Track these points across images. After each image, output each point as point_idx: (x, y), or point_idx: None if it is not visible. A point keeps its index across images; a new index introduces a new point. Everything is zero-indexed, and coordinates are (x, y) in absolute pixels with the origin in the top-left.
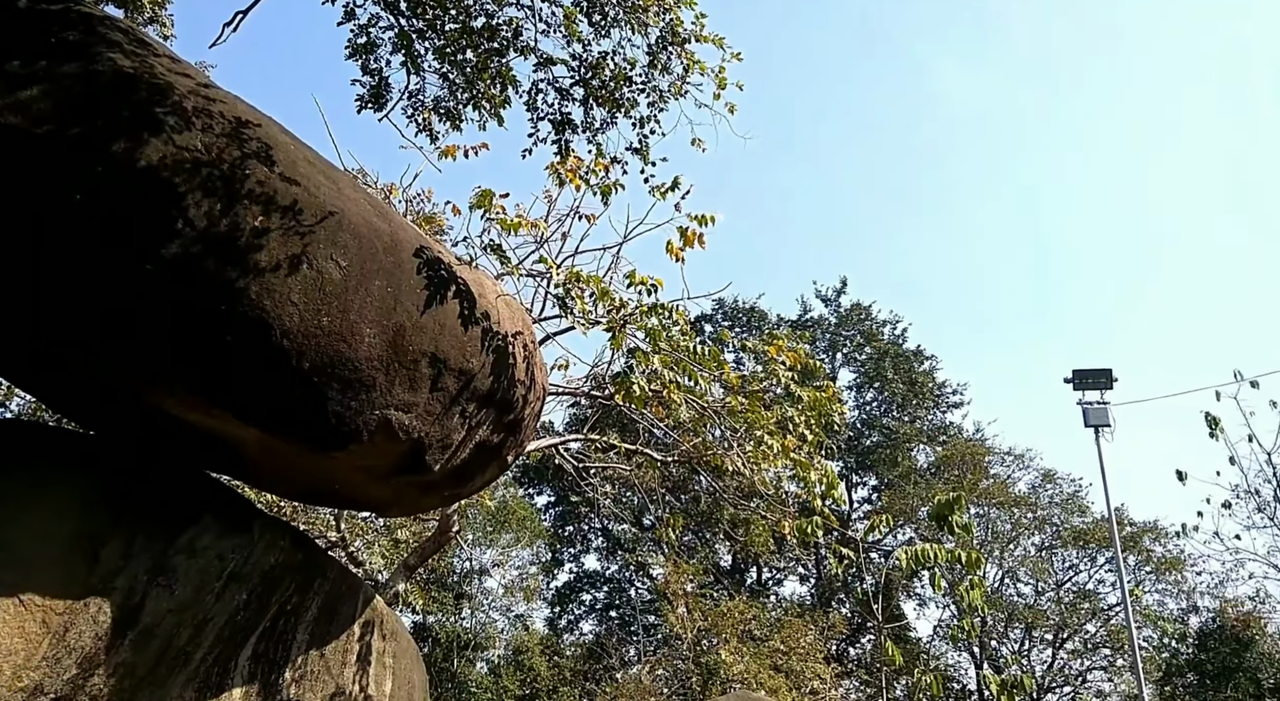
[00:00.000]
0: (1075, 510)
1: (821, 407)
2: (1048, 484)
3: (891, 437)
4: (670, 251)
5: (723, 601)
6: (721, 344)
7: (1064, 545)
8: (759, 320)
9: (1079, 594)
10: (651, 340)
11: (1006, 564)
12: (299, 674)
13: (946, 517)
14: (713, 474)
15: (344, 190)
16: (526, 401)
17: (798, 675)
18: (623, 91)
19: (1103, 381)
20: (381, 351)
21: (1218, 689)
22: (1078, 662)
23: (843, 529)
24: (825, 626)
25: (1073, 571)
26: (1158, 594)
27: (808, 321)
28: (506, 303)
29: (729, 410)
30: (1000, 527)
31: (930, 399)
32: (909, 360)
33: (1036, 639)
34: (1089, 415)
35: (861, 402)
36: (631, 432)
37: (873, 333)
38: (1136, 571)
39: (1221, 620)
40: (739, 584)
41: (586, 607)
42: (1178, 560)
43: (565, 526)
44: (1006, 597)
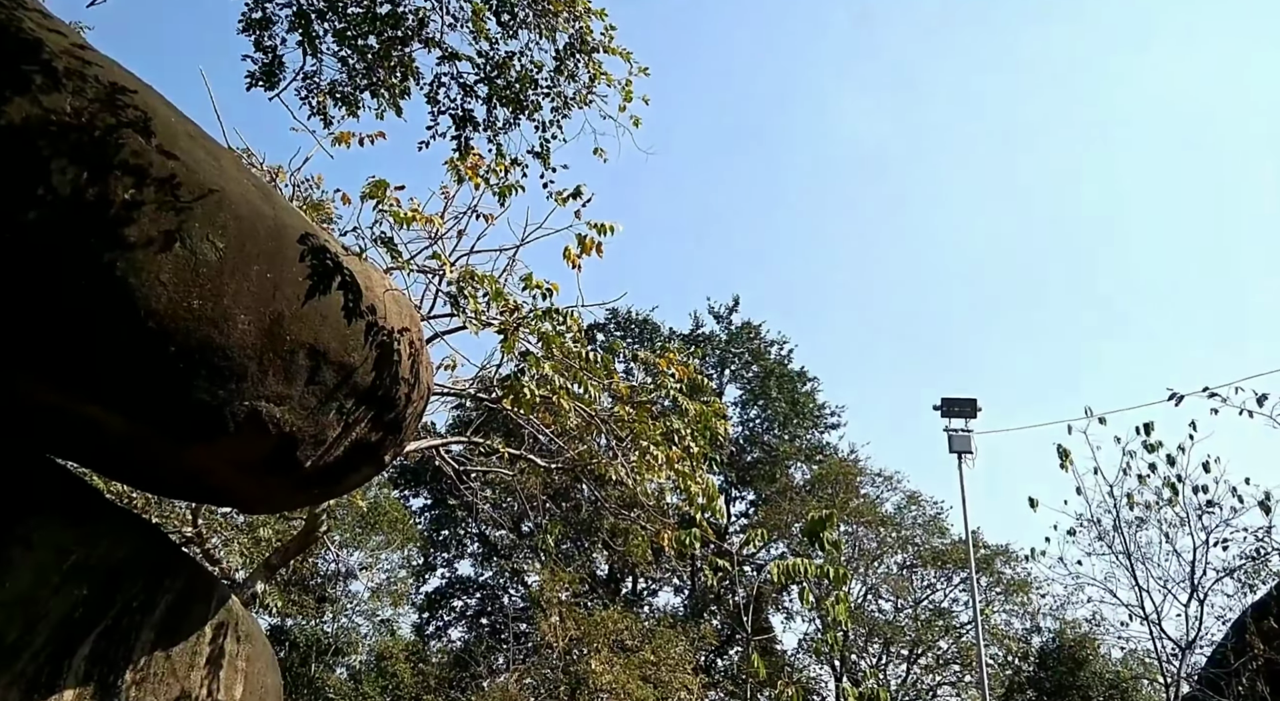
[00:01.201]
0: (936, 531)
1: (707, 422)
2: (912, 505)
3: (772, 454)
4: (568, 258)
5: (597, 611)
6: (613, 353)
7: (924, 564)
8: (651, 332)
9: (935, 611)
10: (544, 345)
11: (870, 580)
12: (141, 675)
13: (819, 534)
14: (596, 482)
15: (227, 169)
16: (409, 400)
17: (666, 685)
18: (527, 94)
19: (968, 410)
20: (256, 339)
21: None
22: (930, 677)
23: (719, 541)
24: (696, 637)
25: (930, 590)
26: (1005, 614)
27: (699, 337)
28: (395, 297)
29: (617, 419)
30: (867, 545)
31: (810, 419)
32: (793, 380)
33: (894, 653)
34: (953, 441)
35: (745, 419)
36: (516, 437)
37: (761, 352)
38: (987, 592)
39: (1060, 640)
40: (614, 593)
41: (457, 614)
42: (1025, 582)
43: (440, 530)
44: (868, 613)
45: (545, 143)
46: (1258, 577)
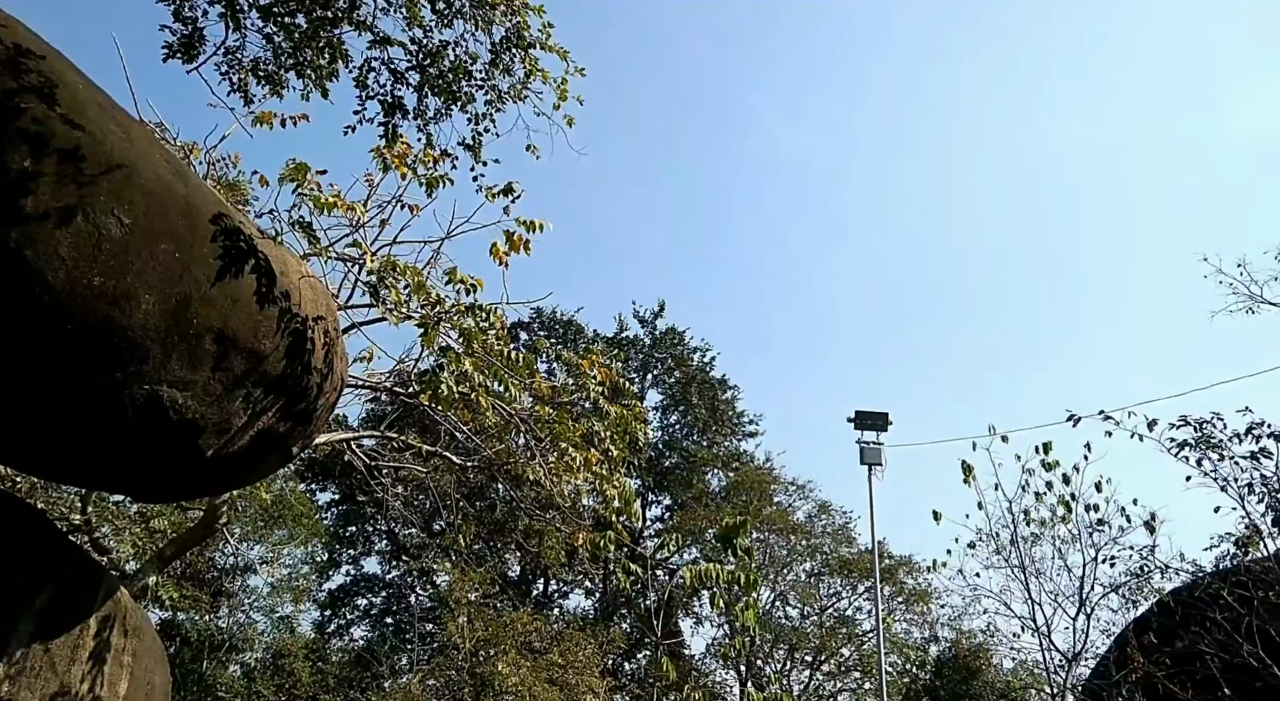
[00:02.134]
0: (844, 541)
1: (627, 425)
2: (823, 515)
3: (690, 460)
4: (495, 254)
5: (506, 612)
6: (536, 353)
7: (831, 573)
8: (575, 333)
9: (839, 619)
10: (465, 341)
11: (779, 587)
12: (16, 669)
13: (732, 540)
14: (512, 482)
15: (138, 142)
16: (321, 391)
17: (573, 688)
18: (460, 84)
19: (879, 424)
20: (160, 321)
21: None
22: (831, 683)
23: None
24: (605, 640)
25: (836, 598)
26: (906, 623)
27: (623, 340)
28: (311, 285)
29: (536, 419)
30: (778, 553)
31: (729, 426)
32: (714, 388)
33: (798, 660)
34: (864, 453)
35: (666, 424)
36: (432, 434)
37: (683, 358)
38: (890, 601)
39: (956, 650)
40: (525, 595)
41: (361, 612)
42: (926, 593)
43: (347, 526)
44: (776, 619)
45: (477, 136)
46: (1140, 594)
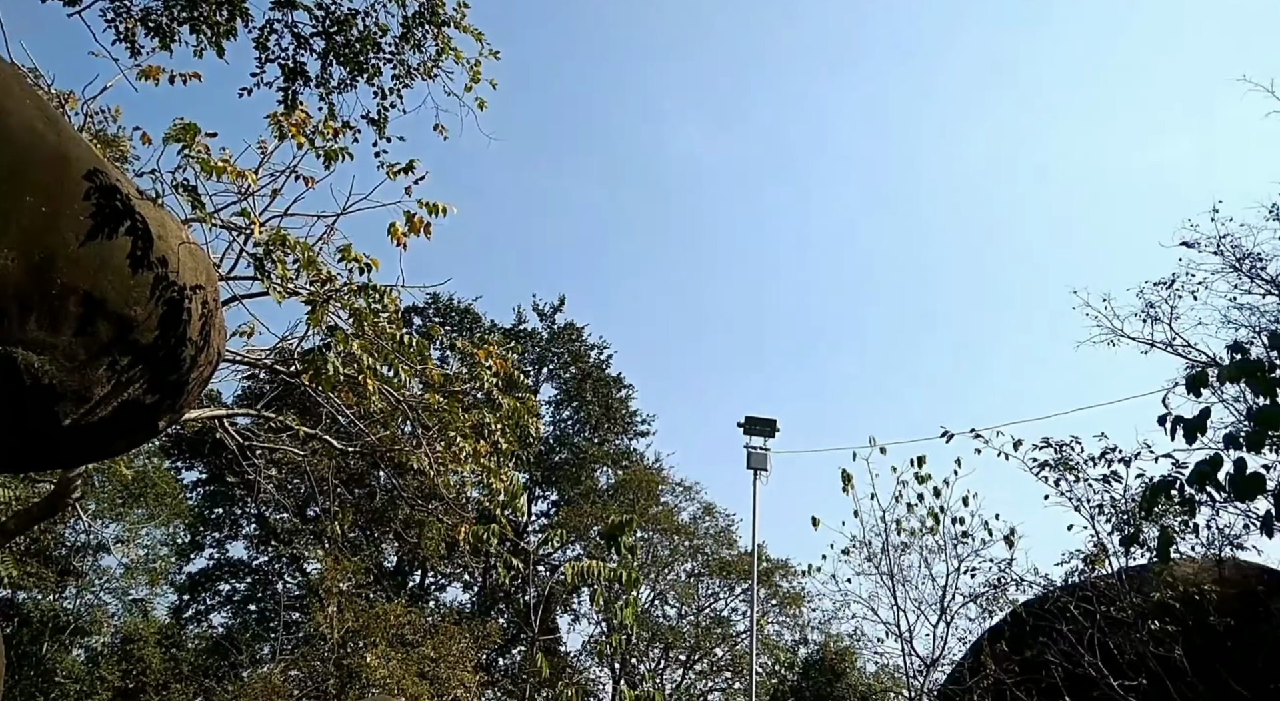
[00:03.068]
0: (726, 543)
1: (519, 418)
2: (707, 516)
3: (579, 456)
4: (393, 235)
5: (379, 603)
6: (429, 339)
7: (711, 574)
8: (472, 322)
9: (715, 619)
10: (355, 322)
11: (659, 586)
12: None
13: (616, 538)
14: (395, 471)
15: (8, 85)
16: (195, 364)
17: (444, 682)
18: (368, 56)
19: (767, 430)
20: (20, 278)
21: None
22: (703, 682)
23: (517, 539)
24: (481, 635)
25: (714, 598)
26: (778, 625)
27: (520, 332)
28: (191, 252)
29: (425, 407)
30: (660, 552)
31: (621, 425)
32: (609, 385)
33: (672, 658)
34: (751, 458)
35: (558, 419)
36: (313, 416)
37: (580, 354)
38: (765, 603)
39: (823, 652)
40: (400, 586)
41: (223, 598)
42: (799, 596)
43: (214, 508)
44: (653, 618)
45: (383, 110)
46: (996, 604)
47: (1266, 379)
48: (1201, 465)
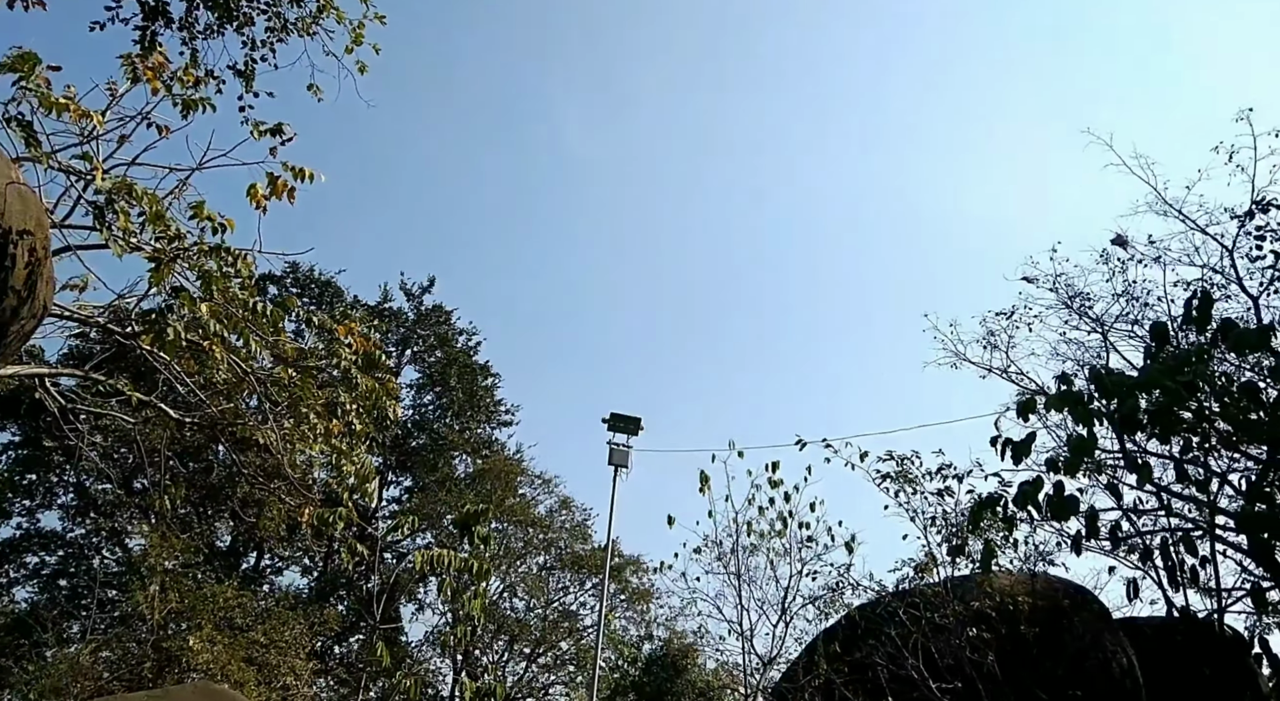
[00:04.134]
0: (580, 537)
1: (377, 399)
2: (564, 510)
3: (438, 443)
4: (253, 197)
5: (208, 584)
6: (285, 310)
7: (563, 567)
8: (334, 296)
9: (563, 613)
10: (204, 284)
11: (509, 578)
12: None
13: (470, 527)
14: (236, 446)
15: None
16: (17, 316)
17: (273, 669)
18: (240, 3)
19: (632, 427)
20: None
21: None
22: (546, 676)
23: (365, 524)
24: (318, 621)
25: (564, 592)
26: (625, 620)
27: (385, 311)
28: (21, 194)
29: (275, 381)
30: (514, 544)
31: (485, 413)
32: (475, 372)
33: (517, 651)
34: (613, 454)
35: (419, 403)
36: (148, 382)
37: (448, 338)
38: (614, 598)
39: (667, 648)
40: (232, 567)
41: (29, 572)
42: (648, 593)
43: (26, 473)
44: (501, 610)
45: (252, 63)
46: (833, 607)
47: (1085, 410)
48: (1024, 485)
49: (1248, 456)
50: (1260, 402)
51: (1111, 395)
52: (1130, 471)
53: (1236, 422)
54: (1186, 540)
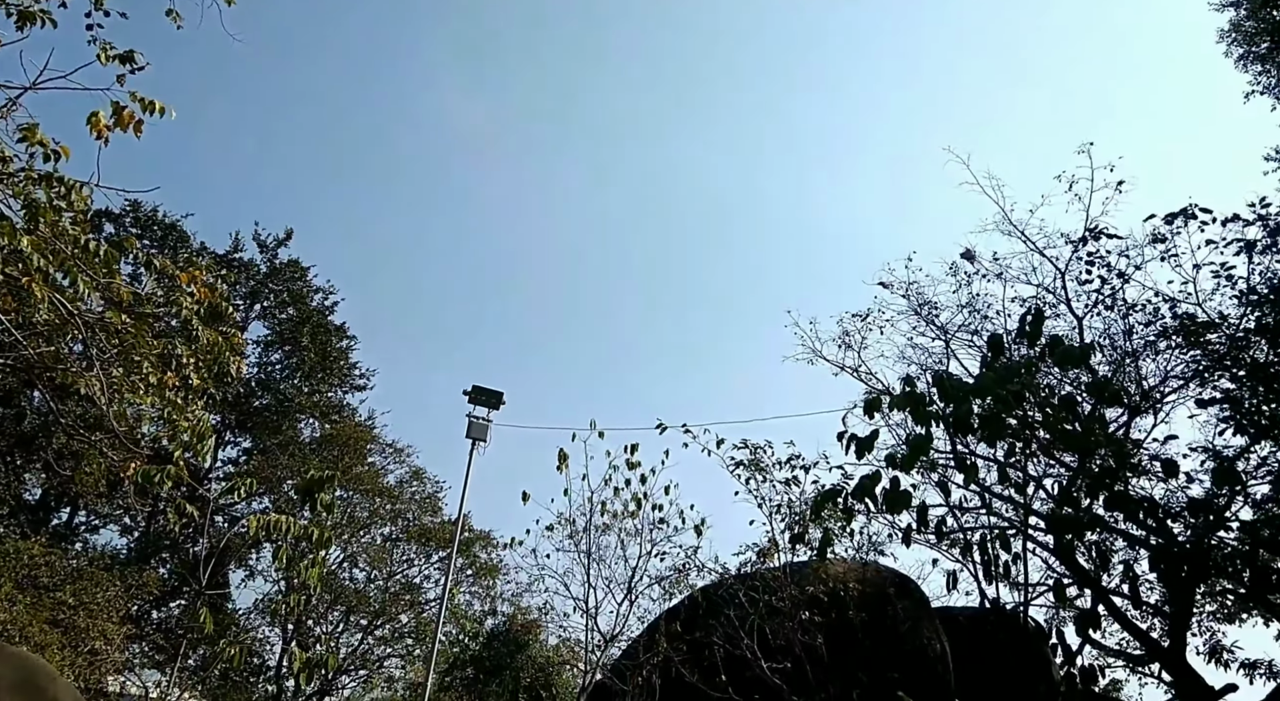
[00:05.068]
0: (430, 510)
1: (220, 354)
2: (415, 481)
3: (284, 404)
4: (94, 126)
5: (11, 539)
6: (122, 251)
7: (409, 540)
8: (179, 240)
9: (406, 586)
10: (29, 215)
11: (351, 548)
12: None
13: (314, 494)
14: (55, 392)
15: None
16: None
17: (82, 632)
18: None
19: (493, 401)
20: None
21: (487, 683)
22: (382, 648)
23: (196, 485)
24: (136, 584)
25: (408, 564)
26: (470, 595)
27: (235, 261)
28: None
29: (105, 327)
30: (359, 514)
31: (338, 376)
32: (329, 333)
33: (353, 623)
34: (471, 427)
35: (265, 361)
36: None
37: (302, 295)
38: (461, 573)
39: (510, 624)
40: (41, 523)
41: None
42: (495, 568)
43: None
44: (340, 580)
45: None
46: (678, 588)
47: (924, 411)
48: (864, 479)
49: (1061, 463)
50: (1076, 415)
51: (949, 399)
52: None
53: (1054, 432)
54: (1002, 537)
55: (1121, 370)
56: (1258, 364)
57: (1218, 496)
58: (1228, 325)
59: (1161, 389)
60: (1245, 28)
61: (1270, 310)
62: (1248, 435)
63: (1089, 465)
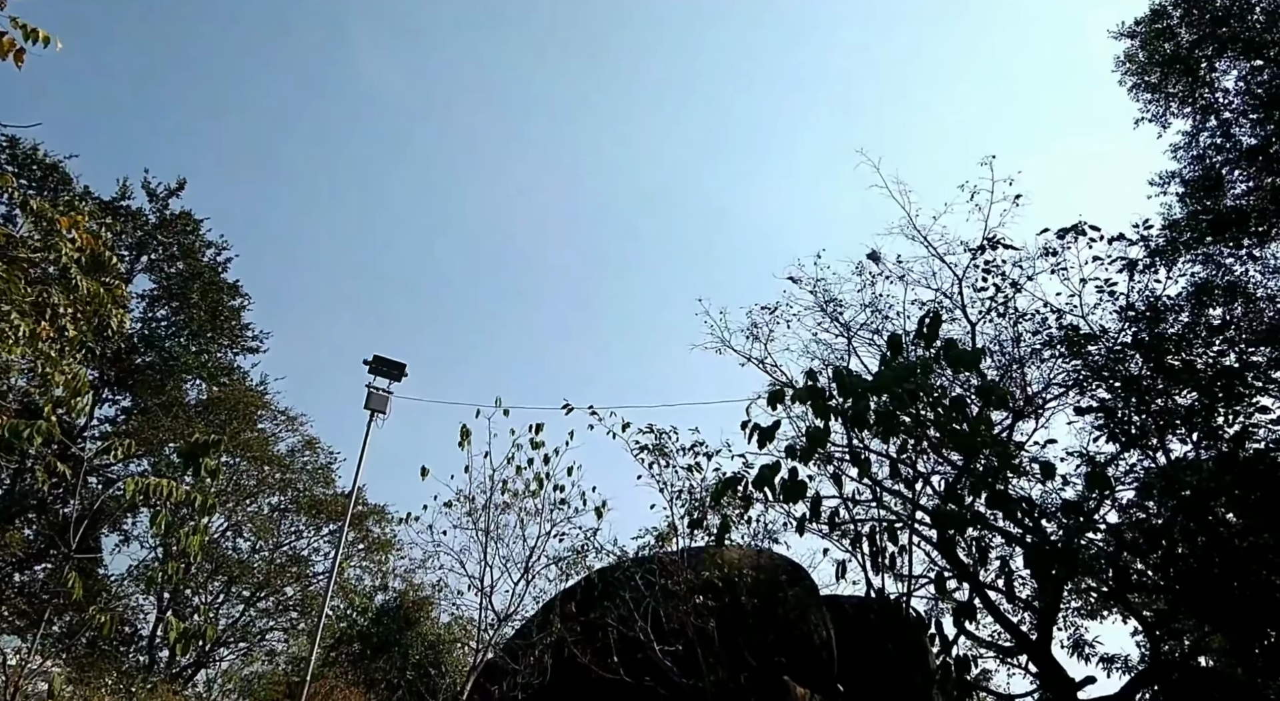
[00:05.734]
0: (322, 481)
1: (101, 306)
2: (307, 451)
3: (169, 363)
4: None
5: None
6: None
7: (299, 511)
8: (60, 183)
9: (292, 558)
10: None
11: (236, 517)
12: None
13: (198, 458)
14: None
15: None
16: None
17: None
18: None
19: (395, 373)
20: None
21: (374, 659)
22: (264, 621)
23: (69, 443)
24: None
25: (296, 536)
26: (360, 569)
27: (122, 209)
28: None
29: None
30: (245, 481)
31: (229, 336)
32: (221, 291)
33: (234, 594)
34: (371, 399)
35: (150, 317)
36: None
37: (193, 249)
38: (352, 546)
39: (401, 600)
40: None
41: None
42: (389, 543)
43: None
44: (223, 549)
45: None
46: (575, 569)
47: (824, 405)
48: (765, 468)
49: (949, 461)
50: (965, 416)
51: (848, 394)
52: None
53: (944, 431)
54: (890, 530)
55: (1008, 375)
56: (1132, 377)
57: (1089, 499)
58: (1108, 338)
59: (1044, 395)
60: (1139, 58)
61: (1146, 326)
62: (1119, 443)
63: (974, 465)
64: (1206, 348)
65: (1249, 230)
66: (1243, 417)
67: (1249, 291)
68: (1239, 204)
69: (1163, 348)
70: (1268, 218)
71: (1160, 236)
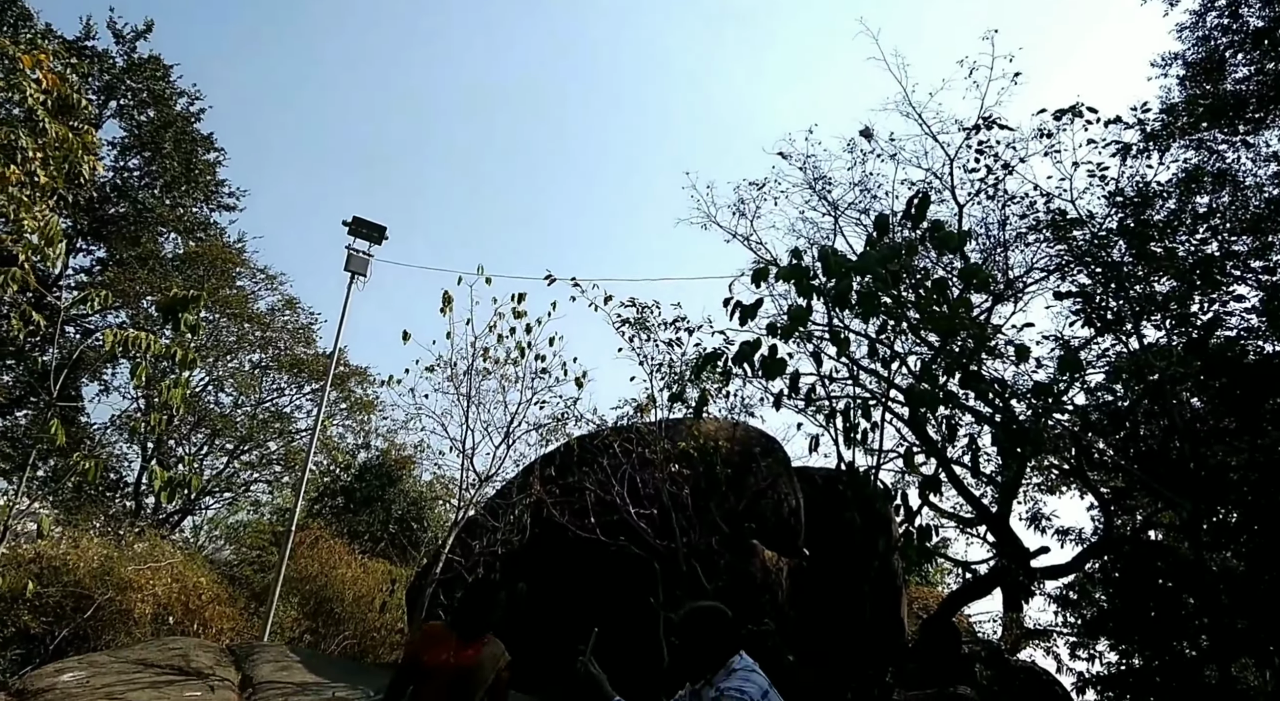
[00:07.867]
0: (303, 341)
1: (71, 151)
2: (287, 310)
3: (143, 214)
4: None
5: None
6: None
7: (280, 369)
8: (19, 19)
9: (275, 414)
10: None
11: (217, 372)
12: None
13: (178, 312)
14: None
15: None
16: None
17: None
18: None
19: (375, 235)
20: None
21: (357, 512)
22: (248, 473)
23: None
24: None
25: (278, 393)
26: (343, 428)
27: (87, 50)
28: None
29: None
30: (225, 337)
31: (204, 190)
32: (194, 143)
33: (218, 447)
34: (351, 260)
35: (121, 166)
36: None
37: (164, 97)
38: (334, 405)
39: (384, 458)
40: None
41: None
42: (371, 404)
43: None
44: (205, 403)
45: None
46: (554, 435)
47: (808, 284)
48: (745, 345)
49: (926, 342)
50: (946, 298)
51: (832, 274)
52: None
53: (924, 313)
54: (865, 407)
55: (991, 258)
56: (1114, 263)
57: (1059, 382)
58: (1094, 223)
59: (1024, 279)
60: None
61: (1133, 213)
62: (1094, 328)
63: (950, 346)
64: (1190, 235)
65: (1245, 116)
66: (1217, 305)
67: (1238, 179)
68: (1239, 88)
69: (1147, 234)
70: (1266, 104)
71: (1157, 120)
